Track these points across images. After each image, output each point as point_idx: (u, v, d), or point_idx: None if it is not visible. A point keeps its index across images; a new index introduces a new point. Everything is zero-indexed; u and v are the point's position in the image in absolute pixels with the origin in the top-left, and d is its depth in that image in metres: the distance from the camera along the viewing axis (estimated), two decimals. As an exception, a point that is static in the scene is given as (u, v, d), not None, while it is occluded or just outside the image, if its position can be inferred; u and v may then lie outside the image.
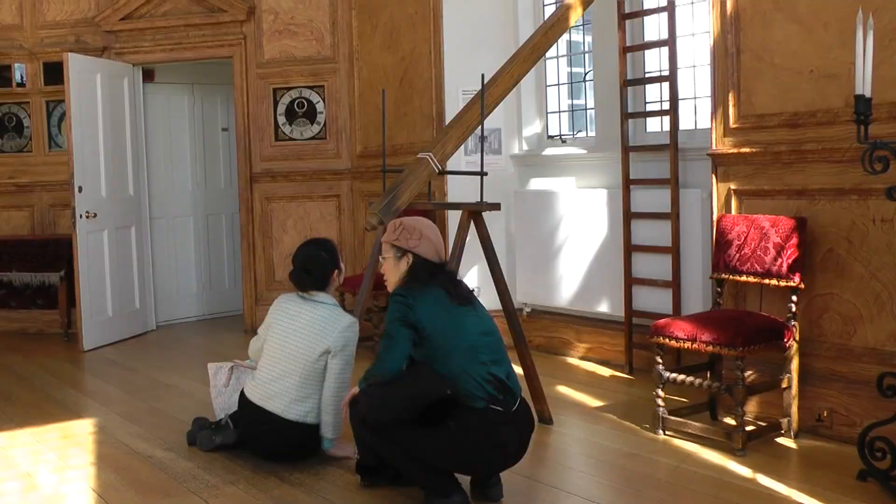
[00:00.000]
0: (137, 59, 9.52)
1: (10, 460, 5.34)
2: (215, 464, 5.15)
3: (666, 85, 6.69)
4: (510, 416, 4.26)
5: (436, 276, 4.38)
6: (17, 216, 9.80)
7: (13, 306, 9.57)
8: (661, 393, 5.39)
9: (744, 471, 4.76)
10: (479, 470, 4.43)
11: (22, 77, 9.70)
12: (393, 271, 4.46)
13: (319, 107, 9.26)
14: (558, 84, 8.11)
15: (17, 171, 9.80)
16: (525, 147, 8.14)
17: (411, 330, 4.22)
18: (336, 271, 5.31)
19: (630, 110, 6.97)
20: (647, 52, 7.07)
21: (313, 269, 5.24)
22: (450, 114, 7.48)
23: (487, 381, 4.21)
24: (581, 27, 7.96)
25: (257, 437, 5.18)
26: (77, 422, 6.13)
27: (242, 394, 5.26)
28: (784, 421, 5.25)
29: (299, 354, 5.09)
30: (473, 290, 4.55)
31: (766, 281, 5.34)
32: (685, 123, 6.76)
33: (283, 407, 5.05)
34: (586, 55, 8.02)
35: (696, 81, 6.73)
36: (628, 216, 6.91)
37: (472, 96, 5.93)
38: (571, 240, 7.42)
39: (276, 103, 9.34)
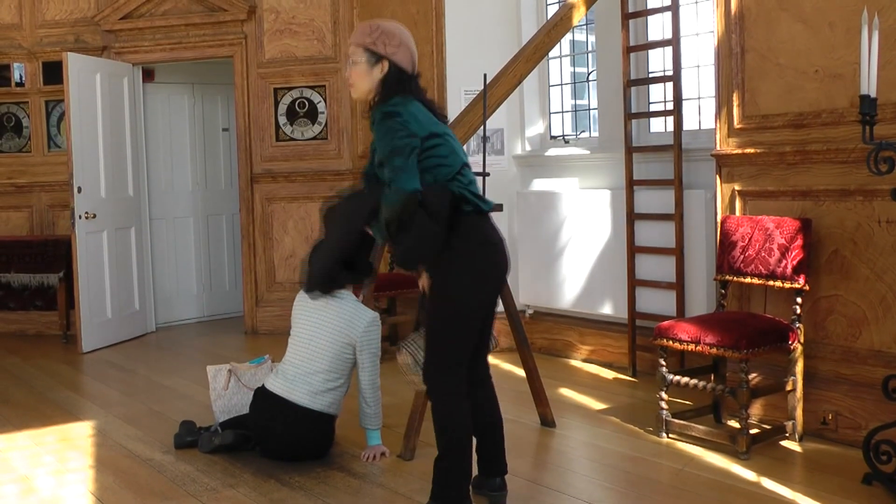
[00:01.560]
0: (137, 59, 9.50)
1: (8, 463, 5.32)
2: (215, 467, 5.13)
3: (670, 85, 6.67)
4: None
5: (412, 89, 4.09)
6: (15, 217, 9.77)
7: (11, 308, 9.53)
8: (664, 396, 5.37)
9: (748, 474, 4.74)
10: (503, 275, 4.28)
11: (21, 77, 9.69)
12: (364, 79, 4.10)
13: (321, 107, 9.23)
14: (561, 84, 8.10)
15: (15, 172, 9.78)
16: (528, 147, 8.11)
17: (417, 142, 3.93)
18: None
19: (633, 110, 6.95)
20: (651, 52, 7.04)
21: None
22: (452, 114, 7.42)
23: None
24: (584, 27, 7.95)
25: (273, 433, 5.15)
26: (75, 424, 6.11)
27: (261, 389, 5.27)
28: (789, 424, 5.22)
29: (326, 348, 5.15)
30: None
31: (771, 283, 5.32)
32: (689, 124, 6.73)
33: (309, 398, 5.10)
34: (589, 55, 7.99)
35: (700, 81, 6.71)
36: (632, 217, 6.88)
37: (474, 96, 5.93)
38: (574, 241, 7.40)
39: (276, 103, 9.31)
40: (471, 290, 4.05)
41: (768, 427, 5.34)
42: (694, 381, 5.27)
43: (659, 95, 7.01)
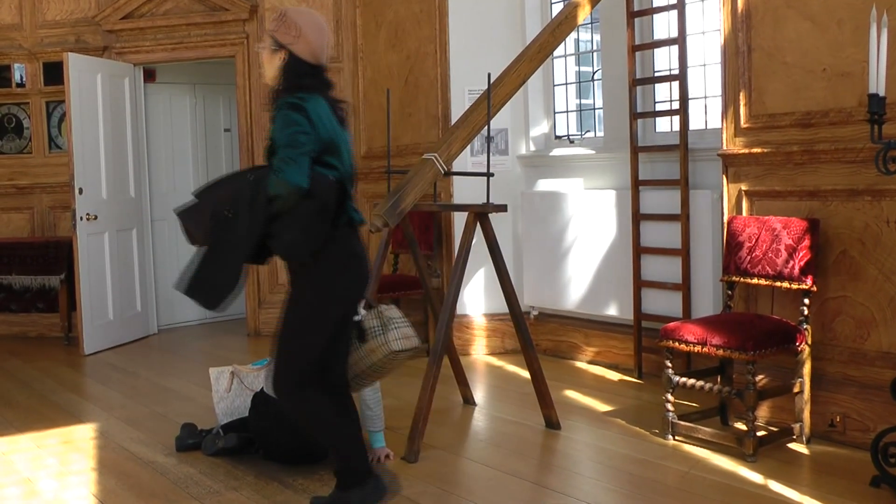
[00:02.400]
0: (138, 59, 9.47)
1: (11, 465, 5.30)
2: (217, 469, 5.11)
3: (676, 84, 6.64)
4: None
5: (313, 80, 4.09)
6: (16, 218, 9.75)
7: (13, 310, 9.51)
8: (670, 398, 5.33)
9: (755, 477, 4.71)
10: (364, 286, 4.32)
11: (21, 77, 9.67)
12: (268, 64, 4.18)
13: (323, 107, 9.16)
14: (566, 83, 8.06)
15: (16, 173, 9.75)
16: (532, 147, 8.08)
17: (314, 138, 3.95)
18: None
19: (639, 110, 6.91)
20: (657, 51, 7.01)
21: None
22: (455, 114, 7.45)
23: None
24: (589, 25, 7.92)
25: (272, 437, 5.13)
26: (78, 427, 6.09)
27: (260, 393, 5.28)
28: (796, 426, 5.19)
29: None
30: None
31: (778, 283, 5.28)
32: (695, 123, 6.69)
33: None
34: (594, 54, 7.96)
35: (707, 80, 6.66)
36: (637, 218, 6.85)
37: (478, 96, 5.90)
38: (579, 242, 7.36)
39: (279, 104, 9.23)
40: (333, 300, 4.13)
41: (775, 429, 5.30)
42: (700, 382, 5.24)
43: (665, 95, 6.98)
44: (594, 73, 7.84)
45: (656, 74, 7.04)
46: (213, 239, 4.06)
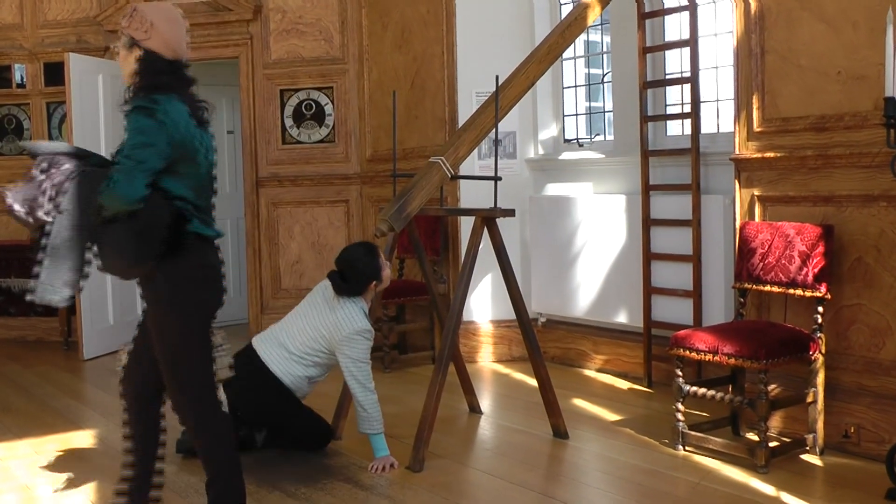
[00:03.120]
0: (142, 60, 9.39)
1: (8, 472, 5.27)
2: (217, 479, 5.02)
3: (687, 87, 6.59)
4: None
5: (170, 78, 3.88)
6: (16, 221, 9.66)
7: (12, 313, 9.53)
8: (680, 407, 5.28)
9: (767, 489, 4.65)
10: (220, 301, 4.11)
11: (22, 78, 9.69)
12: (125, 63, 3.95)
13: (328, 109, 9.15)
14: (575, 86, 8.04)
15: (16, 175, 9.65)
16: (541, 151, 8.04)
17: (164, 147, 3.70)
18: (374, 283, 5.40)
19: (650, 113, 6.86)
20: (668, 53, 6.97)
21: (350, 276, 5.32)
22: (463, 116, 7.42)
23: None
24: (599, 27, 7.90)
25: (243, 390, 5.23)
26: (77, 433, 6.07)
27: (249, 346, 5.46)
28: (809, 437, 5.13)
29: (302, 336, 5.34)
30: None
31: (791, 291, 5.23)
32: (707, 127, 6.66)
33: (280, 370, 5.31)
34: (604, 56, 7.92)
35: (719, 83, 6.62)
36: (648, 223, 6.80)
37: (485, 98, 5.86)
38: (589, 247, 7.32)
39: (283, 105, 9.23)
40: (193, 313, 3.90)
41: (788, 440, 5.26)
42: (711, 392, 5.19)
43: (676, 97, 6.95)
44: (604, 76, 7.81)
45: (667, 77, 7.01)
46: (45, 238, 3.83)
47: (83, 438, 5.92)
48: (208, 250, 3.94)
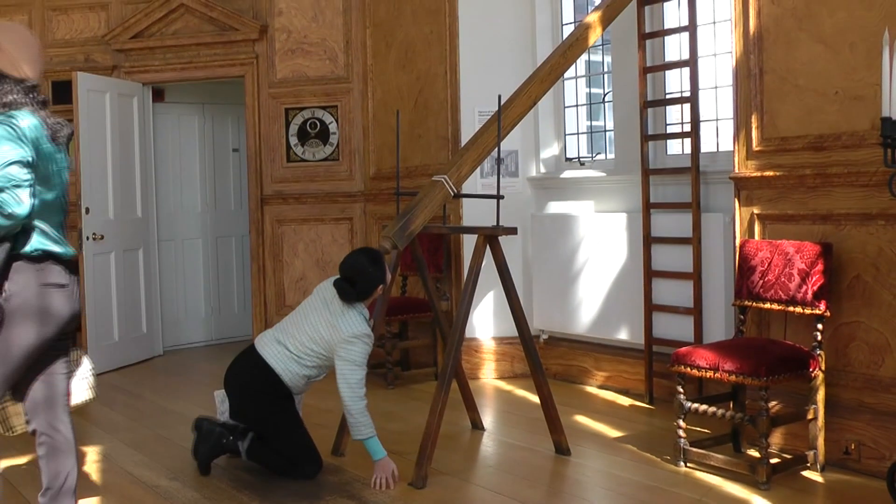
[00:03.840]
0: (147, 79, 9.48)
1: (12, 489, 5.24)
2: (221, 494, 5.08)
3: (687, 106, 6.63)
4: None
5: (20, 97, 3.84)
6: (23, 237, 9.72)
7: (19, 330, 9.43)
8: (682, 423, 5.30)
9: (768, 505, 4.65)
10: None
11: (31, 96, 9.64)
12: None
13: (332, 127, 9.19)
14: (577, 105, 8.06)
15: (24, 192, 9.73)
16: (542, 170, 8.06)
17: (29, 160, 3.71)
18: (381, 286, 5.43)
19: (650, 132, 6.89)
20: (668, 73, 7.01)
21: (359, 281, 5.32)
22: (466, 135, 7.45)
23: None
24: (600, 47, 7.91)
25: (238, 378, 5.45)
26: (81, 449, 5.98)
27: (252, 345, 5.55)
28: (810, 454, 5.14)
29: (301, 334, 5.35)
30: None
31: (791, 308, 5.25)
32: (707, 146, 6.68)
33: (277, 362, 5.36)
34: (606, 76, 7.94)
35: (719, 103, 6.64)
36: (648, 241, 6.82)
37: (488, 117, 5.90)
38: (590, 265, 7.33)
39: (288, 124, 9.27)
40: (30, 333, 3.84)
41: (789, 457, 5.27)
42: (712, 408, 5.21)
43: (676, 117, 6.96)
44: (605, 95, 7.83)
45: (668, 96, 7.03)
46: None
47: (87, 455, 5.90)
48: (56, 268, 3.90)
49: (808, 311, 5.15)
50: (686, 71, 6.64)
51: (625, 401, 6.98)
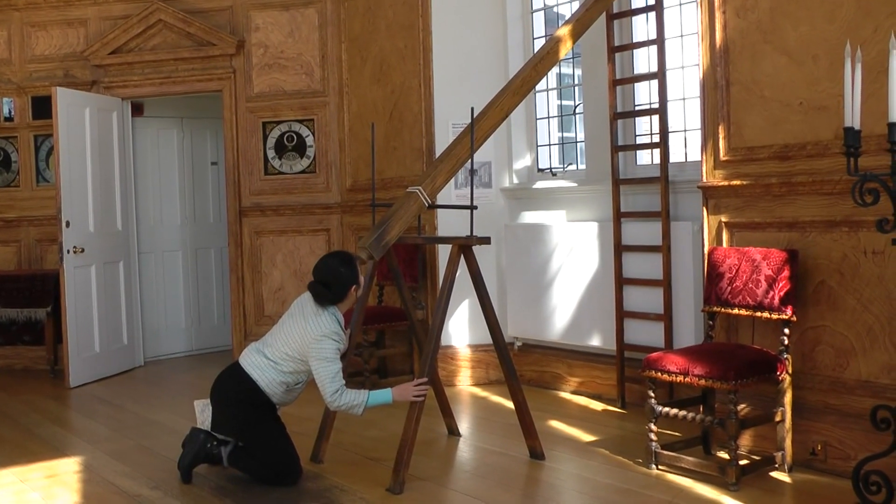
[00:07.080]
0: (126, 93, 9.52)
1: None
2: (203, 502, 5.10)
3: (656, 118, 6.70)
4: None
5: None
6: (3, 251, 9.76)
7: (-1, 342, 9.52)
8: (653, 427, 5.36)
9: (738, 506, 4.71)
10: None
11: (10, 111, 9.71)
12: None
13: (309, 140, 9.25)
14: (548, 117, 8.13)
15: (3, 206, 9.77)
16: (515, 180, 8.13)
17: None
18: (354, 287, 5.46)
19: (620, 143, 6.98)
20: (637, 85, 7.08)
21: (332, 283, 5.37)
22: (440, 147, 7.48)
23: None
24: (571, 60, 8.00)
25: (220, 388, 5.50)
26: (63, 460, 6.06)
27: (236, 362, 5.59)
28: (778, 455, 5.22)
29: (279, 342, 5.40)
30: None
31: (758, 314, 5.34)
32: (675, 156, 6.76)
33: (256, 372, 5.40)
34: (576, 88, 8.04)
35: (686, 114, 6.74)
36: (619, 249, 6.89)
37: (461, 130, 5.93)
38: (562, 273, 7.40)
39: (265, 137, 9.33)
40: None
41: (757, 458, 5.32)
42: (683, 412, 5.27)
43: (645, 128, 7.04)
44: (576, 107, 7.91)
45: (637, 108, 7.10)
46: None
47: (69, 466, 5.92)
48: None
49: (775, 317, 5.24)
50: (654, 83, 6.71)
51: (597, 406, 7.02)
